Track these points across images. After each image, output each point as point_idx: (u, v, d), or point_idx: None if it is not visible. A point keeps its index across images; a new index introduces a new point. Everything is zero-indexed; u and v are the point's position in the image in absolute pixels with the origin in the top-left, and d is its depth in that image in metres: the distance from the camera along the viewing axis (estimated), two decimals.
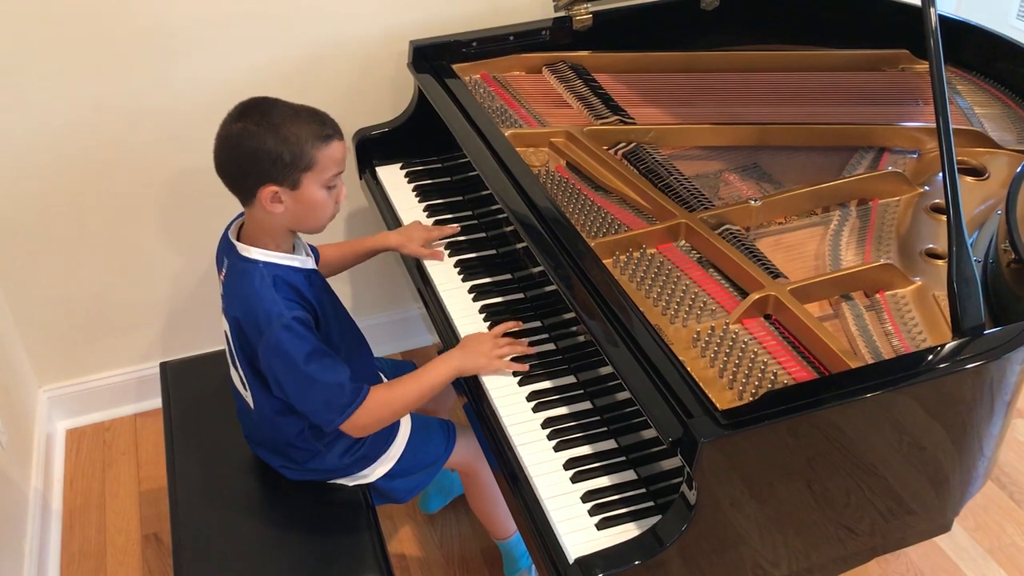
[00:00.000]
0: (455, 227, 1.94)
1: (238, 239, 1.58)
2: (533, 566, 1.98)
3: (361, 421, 1.54)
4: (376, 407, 1.55)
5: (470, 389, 1.66)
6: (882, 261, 1.60)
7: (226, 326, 1.61)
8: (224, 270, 1.61)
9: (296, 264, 1.57)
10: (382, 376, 1.82)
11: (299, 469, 1.71)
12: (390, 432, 1.74)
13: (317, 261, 1.74)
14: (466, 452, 1.84)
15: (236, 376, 1.68)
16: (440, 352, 1.71)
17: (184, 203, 2.29)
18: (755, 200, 1.72)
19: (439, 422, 1.85)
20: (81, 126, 2.14)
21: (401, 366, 1.95)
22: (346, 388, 1.52)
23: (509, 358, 1.62)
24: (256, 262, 1.54)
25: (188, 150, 2.23)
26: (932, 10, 1.52)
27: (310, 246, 1.72)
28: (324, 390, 1.51)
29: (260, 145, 1.45)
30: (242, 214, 1.60)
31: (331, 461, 1.68)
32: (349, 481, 1.73)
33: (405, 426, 1.77)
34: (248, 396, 1.66)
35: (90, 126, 2.14)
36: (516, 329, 1.69)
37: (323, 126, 1.50)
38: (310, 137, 1.48)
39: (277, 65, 2.20)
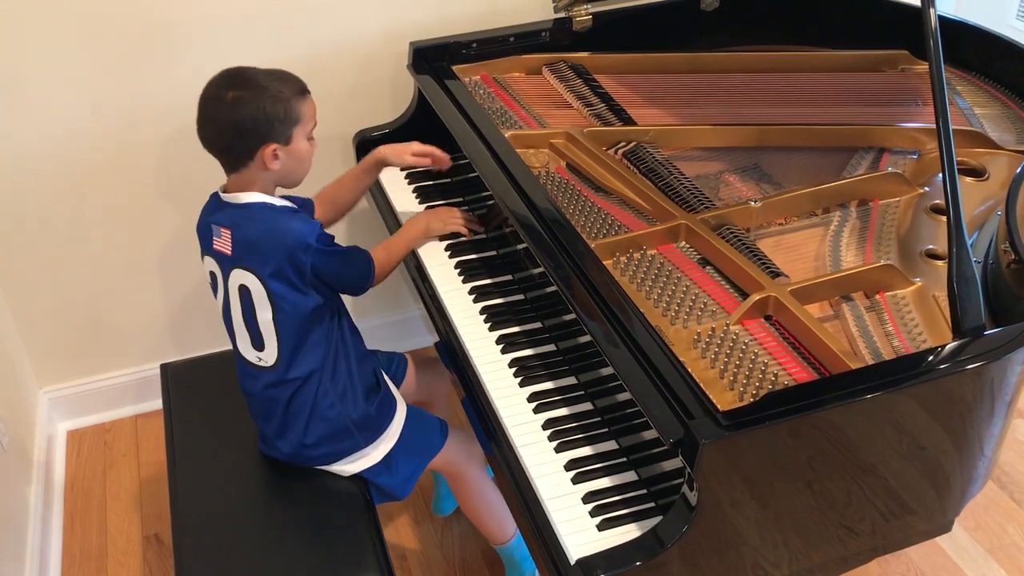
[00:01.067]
0: (445, 157, 1.96)
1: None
2: (536, 572, 1.98)
3: (380, 273, 1.79)
4: (381, 265, 1.79)
5: (471, 389, 1.67)
6: (882, 262, 1.60)
7: (244, 276, 1.63)
8: (223, 233, 1.64)
9: (289, 205, 1.68)
10: (380, 371, 1.84)
11: (318, 436, 1.70)
12: (391, 406, 1.78)
13: (312, 210, 1.86)
14: (456, 453, 1.86)
15: (246, 341, 1.69)
16: (437, 346, 1.83)
17: (185, 203, 2.29)
18: (755, 201, 1.73)
19: (432, 417, 1.88)
20: (81, 127, 2.14)
21: (392, 357, 2.00)
22: (365, 253, 1.76)
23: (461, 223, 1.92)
24: (264, 203, 1.64)
25: (188, 150, 2.21)
26: (932, 10, 1.52)
27: (306, 199, 1.84)
28: (360, 257, 1.75)
29: (258, 108, 1.57)
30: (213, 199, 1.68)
31: (351, 408, 1.70)
32: (352, 464, 1.74)
33: (402, 408, 1.80)
34: (266, 354, 1.67)
35: (90, 127, 2.15)
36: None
37: (295, 81, 1.64)
38: (293, 93, 1.61)
39: (277, 65, 2.19)
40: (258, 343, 1.68)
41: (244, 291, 1.64)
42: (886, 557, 1.99)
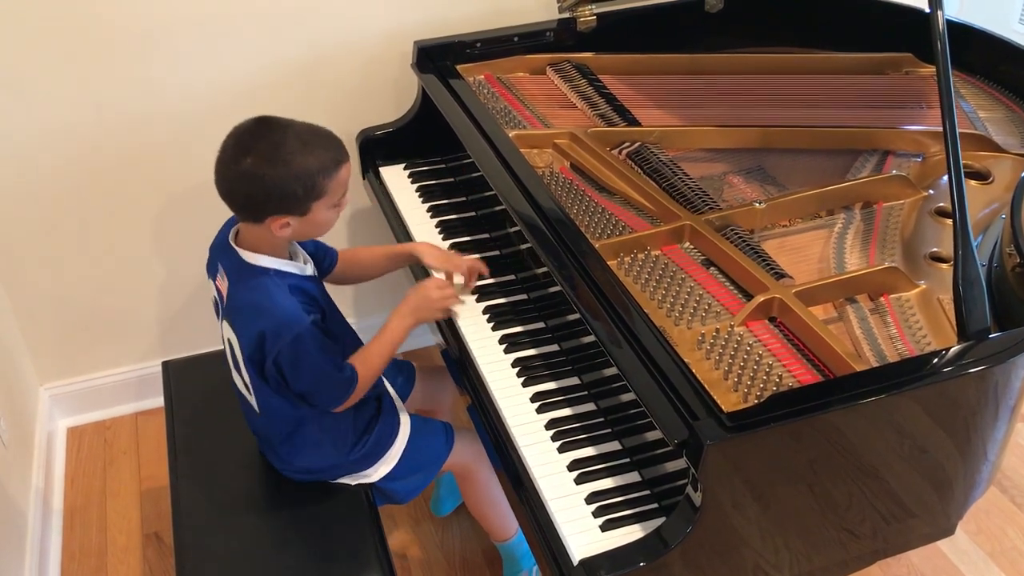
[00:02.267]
0: (483, 269, 1.81)
1: (236, 244, 1.59)
2: (535, 568, 1.98)
3: (354, 398, 1.63)
4: (362, 383, 1.63)
5: (474, 390, 1.66)
6: (886, 264, 1.60)
7: (230, 333, 1.61)
8: (223, 276, 1.60)
9: (296, 271, 1.60)
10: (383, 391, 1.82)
11: (309, 466, 1.71)
12: (392, 431, 1.75)
13: (334, 263, 1.79)
14: (463, 454, 1.85)
15: (239, 380, 1.68)
16: (442, 351, 1.79)
17: (186, 203, 2.29)
18: (759, 202, 1.73)
19: (438, 424, 1.86)
20: (84, 127, 2.13)
21: (401, 366, 1.97)
22: (346, 375, 1.60)
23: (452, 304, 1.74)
24: (267, 270, 1.55)
25: (190, 151, 2.23)
26: (940, 12, 1.52)
27: (330, 249, 1.79)
28: (334, 380, 1.59)
29: (273, 183, 1.46)
30: (235, 218, 1.62)
31: (343, 453, 1.69)
32: (352, 480, 1.74)
33: (405, 427, 1.78)
34: (253, 400, 1.66)
35: (92, 127, 2.14)
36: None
37: (330, 152, 1.51)
38: (321, 168, 1.48)
39: (281, 66, 2.20)
40: (246, 388, 1.67)
41: (229, 344, 1.63)
42: (887, 560, 1.99)
